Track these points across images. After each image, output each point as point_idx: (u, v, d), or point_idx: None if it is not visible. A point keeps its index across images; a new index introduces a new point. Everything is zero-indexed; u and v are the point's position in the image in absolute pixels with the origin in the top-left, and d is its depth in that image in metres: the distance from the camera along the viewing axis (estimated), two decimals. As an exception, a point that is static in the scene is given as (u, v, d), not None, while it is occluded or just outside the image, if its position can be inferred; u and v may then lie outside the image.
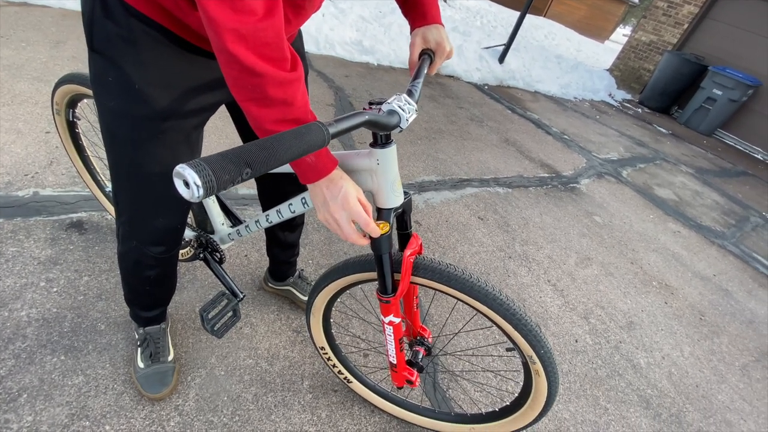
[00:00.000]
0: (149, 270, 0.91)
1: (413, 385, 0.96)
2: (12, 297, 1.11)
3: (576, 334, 1.67)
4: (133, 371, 1.02)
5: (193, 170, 0.34)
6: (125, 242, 0.87)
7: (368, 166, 0.70)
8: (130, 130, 0.69)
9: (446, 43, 0.81)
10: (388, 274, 0.77)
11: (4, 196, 1.37)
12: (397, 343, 0.88)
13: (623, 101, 6.68)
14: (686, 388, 1.61)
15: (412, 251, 0.79)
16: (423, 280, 0.79)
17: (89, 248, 1.32)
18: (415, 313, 0.95)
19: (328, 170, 0.63)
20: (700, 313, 2.08)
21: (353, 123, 0.52)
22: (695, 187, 3.92)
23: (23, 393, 0.93)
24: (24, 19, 2.53)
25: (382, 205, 0.72)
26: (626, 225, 2.71)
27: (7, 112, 1.74)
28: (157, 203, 0.80)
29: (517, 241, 2.13)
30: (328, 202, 0.64)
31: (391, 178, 0.70)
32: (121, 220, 0.84)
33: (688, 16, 6.49)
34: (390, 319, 0.84)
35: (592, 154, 3.80)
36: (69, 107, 1.15)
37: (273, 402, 1.09)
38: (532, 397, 0.86)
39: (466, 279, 0.76)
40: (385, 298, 0.80)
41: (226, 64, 0.51)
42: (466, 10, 9.40)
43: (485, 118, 3.71)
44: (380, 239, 0.72)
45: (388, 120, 0.60)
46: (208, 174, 0.35)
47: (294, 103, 0.56)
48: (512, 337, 0.79)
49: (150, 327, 1.05)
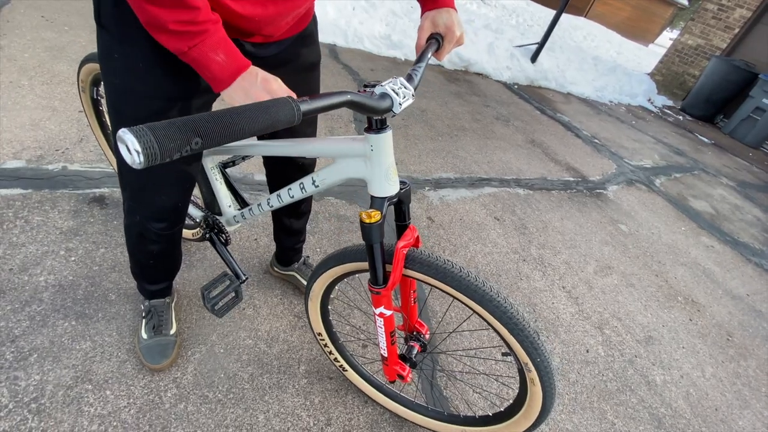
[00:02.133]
0: (152, 244, 0.94)
1: (405, 380, 0.94)
2: (33, 263, 1.17)
3: (587, 344, 1.60)
4: (137, 341, 1.06)
5: (133, 136, 0.32)
6: (129, 216, 0.90)
7: (362, 151, 0.68)
8: (134, 108, 0.71)
9: (456, 28, 0.77)
10: (379, 264, 0.75)
11: (35, 168, 1.45)
12: (387, 336, 0.87)
13: (663, 107, 6.35)
14: (704, 410, 1.51)
15: (405, 243, 0.76)
16: (416, 273, 0.76)
17: (108, 222, 1.37)
18: (412, 307, 0.93)
19: (244, 66, 0.60)
20: (728, 334, 1.95)
21: (331, 102, 0.49)
22: (735, 200, 3.68)
23: (34, 353, 0.98)
24: (68, 4, 2.67)
25: (375, 193, 0.70)
26: (654, 236, 2.58)
27: (46, 91, 1.83)
28: (158, 181, 0.82)
29: (533, 244, 2.07)
30: (249, 90, 0.60)
31: (386, 166, 0.68)
32: (125, 195, 0.86)
33: (739, 20, 6.09)
34: (381, 311, 0.82)
35: (623, 160, 3.63)
36: (93, 85, 1.20)
37: (268, 383, 1.10)
38: (527, 406, 0.83)
39: (462, 277, 0.72)
40: (376, 289, 0.79)
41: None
42: (502, 8, 9.20)
43: (512, 118, 3.62)
44: (371, 228, 0.70)
45: (376, 103, 0.57)
46: (150, 140, 0.33)
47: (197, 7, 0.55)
48: (508, 342, 0.76)
49: (155, 300, 1.08)
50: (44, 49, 2.11)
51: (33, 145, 1.54)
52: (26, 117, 1.65)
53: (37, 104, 1.74)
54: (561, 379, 1.42)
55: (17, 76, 1.86)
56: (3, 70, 1.86)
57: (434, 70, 4.08)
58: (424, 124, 2.89)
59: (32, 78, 1.88)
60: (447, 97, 3.50)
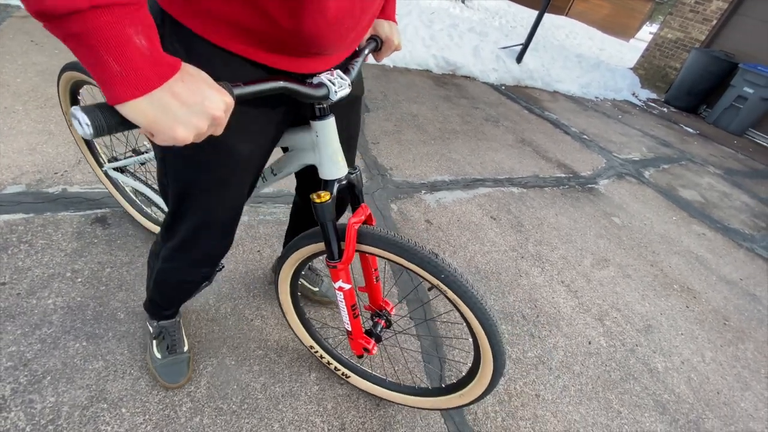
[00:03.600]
0: (188, 284, 0.94)
1: (370, 353, 0.98)
2: (40, 286, 1.18)
3: (589, 336, 1.63)
4: (150, 361, 1.06)
5: (84, 114, 0.39)
6: (170, 261, 0.86)
7: (309, 140, 0.74)
8: (206, 178, 0.68)
9: (395, 38, 0.85)
10: (334, 240, 0.81)
11: (35, 192, 1.46)
12: (349, 309, 0.92)
13: (648, 100, 6.48)
14: (706, 394, 1.55)
15: (357, 219, 0.82)
16: (368, 247, 0.82)
17: (111, 242, 1.38)
18: (375, 285, 0.98)
19: (176, 63, 0.43)
20: (725, 318, 2.00)
21: (265, 87, 0.52)
22: (723, 188, 3.76)
23: (47, 375, 0.99)
24: (58, 28, 2.68)
25: (324, 176, 0.76)
26: (647, 227, 2.64)
27: (40, 115, 1.84)
28: (220, 231, 0.80)
29: (530, 241, 2.10)
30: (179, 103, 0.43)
31: (331, 150, 0.73)
32: (169, 246, 0.83)
33: (716, 12, 6.26)
34: (339, 285, 0.87)
35: (612, 155, 3.70)
36: (73, 100, 1.23)
37: (281, 392, 1.12)
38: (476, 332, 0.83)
39: (399, 242, 0.79)
40: (332, 263, 0.83)
41: None
42: (484, 10, 9.34)
43: (501, 118, 3.68)
44: (323, 207, 0.75)
45: (311, 90, 0.60)
46: (98, 117, 0.40)
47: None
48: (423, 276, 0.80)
49: (165, 321, 1.08)
50: (36, 74, 2.13)
51: (32, 169, 1.55)
52: (23, 142, 1.66)
53: (33, 129, 1.75)
54: (566, 372, 1.45)
55: (11, 101, 1.87)
56: (-4, 96, 1.87)
57: (423, 75, 4.14)
58: (416, 128, 2.93)
59: (26, 103, 1.89)
60: (437, 101, 3.55)
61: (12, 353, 1.01)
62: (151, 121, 0.42)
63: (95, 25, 0.36)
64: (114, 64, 0.38)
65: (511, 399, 1.30)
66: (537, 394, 1.34)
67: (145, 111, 0.41)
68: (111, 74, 0.39)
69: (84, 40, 0.37)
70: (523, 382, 1.36)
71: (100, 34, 0.37)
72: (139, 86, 0.40)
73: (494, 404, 1.27)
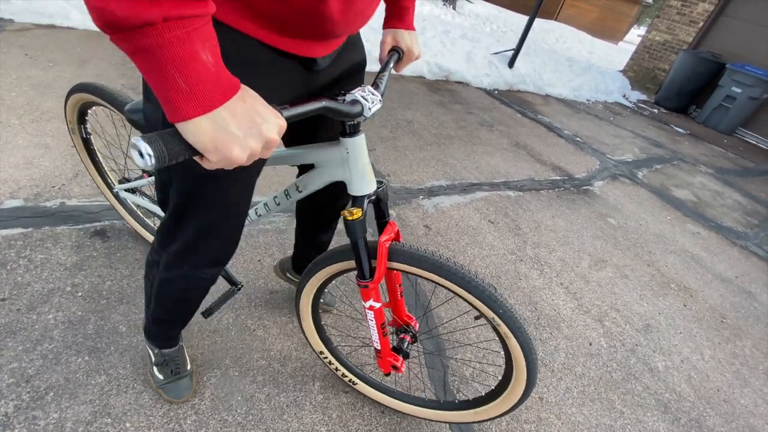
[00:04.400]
0: (194, 291, 0.88)
1: (399, 371, 0.98)
2: (40, 301, 1.17)
3: (590, 337, 1.65)
4: (152, 381, 1.05)
5: (146, 143, 0.37)
6: (172, 269, 0.81)
7: (339, 156, 0.74)
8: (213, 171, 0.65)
9: (416, 48, 0.86)
10: (365, 258, 0.80)
11: (33, 206, 1.45)
12: (379, 328, 0.90)
13: (638, 102, 6.58)
14: (707, 392, 1.56)
15: (387, 237, 0.81)
16: (399, 264, 0.82)
17: (111, 255, 1.38)
18: (399, 301, 0.97)
19: (237, 83, 0.44)
20: (722, 316, 2.02)
21: (310, 108, 0.53)
22: (715, 187, 3.82)
23: (50, 391, 0.98)
24: (51, 41, 2.68)
25: (355, 192, 0.76)
26: (642, 227, 2.66)
27: (36, 128, 1.84)
28: (224, 227, 0.76)
29: (528, 244, 2.12)
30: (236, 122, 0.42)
31: (361, 167, 0.73)
32: (171, 250, 0.79)
33: (702, 14, 6.38)
34: (370, 304, 0.86)
35: (605, 156, 3.75)
36: (80, 122, 1.23)
37: (285, 402, 1.12)
38: (515, 365, 0.85)
39: (432, 259, 0.79)
40: (364, 283, 0.82)
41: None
42: (475, 16, 9.45)
43: (495, 123, 3.71)
44: (354, 224, 0.76)
45: (348, 108, 0.62)
46: (161, 147, 0.38)
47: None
48: (474, 305, 0.81)
49: (167, 350, 1.05)
50: (31, 87, 2.12)
51: (29, 183, 1.54)
52: (20, 156, 1.65)
53: (29, 142, 1.74)
54: (568, 373, 1.46)
55: (6, 115, 1.86)
56: (-9, 110, 1.86)
57: (416, 81, 4.17)
58: (412, 134, 2.95)
59: (21, 117, 1.88)
60: (431, 107, 3.58)
61: (14, 369, 1.00)
62: (209, 140, 0.41)
63: (166, 39, 0.36)
64: (181, 81, 0.38)
65: (515, 402, 1.30)
66: (540, 397, 1.34)
67: (205, 129, 0.40)
68: (177, 91, 0.38)
69: (152, 55, 0.36)
70: (526, 385, 1.37)
71: (171, 50, 0.36)
72: (204, 104, 0.40)
73: (498, 408, 1.27)
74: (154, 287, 0.88)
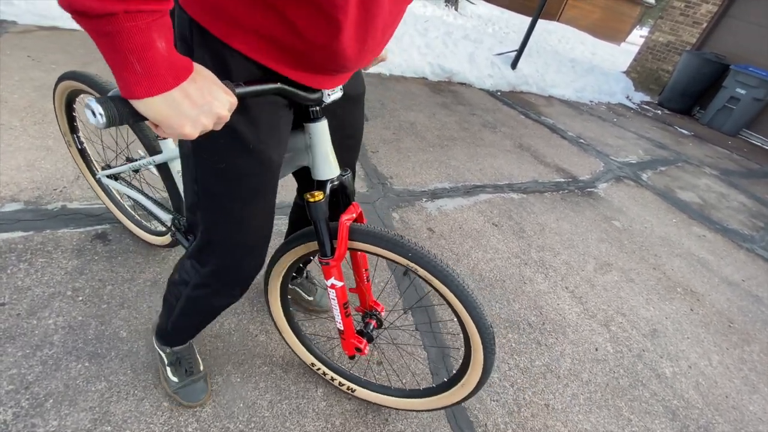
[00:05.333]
0: (221, 305, 0.89)
1: (362, 353, 0.97)
2: (41, 306, 1.16)
3: (596, 342, 1.62)
4: (167, 385, 1.04)
5: (99, 104, 0.41)
6: (203, 288, 0.83)
7: (303, 142, 0.76)
8: (241, 188, 0.68)
9: (384, 52, 0.88)
10: (326, 237, 0.82)
11: (34, 209, 1.44)
12: (341, 307, 0.91)
13: (642, 103, 6.55)
14: (715, 398, 1.54)
15: (349, 217, 0.83)
16: (360, 244, 0.83)
17: (112, 258, 1.37)
18: (366, 285, 0.98)
19: (190, 65, 0.47)
20: (729, 321, 2.00)
21: (264, 88, 0.56)
22: (720, 189, 3.79)
23: (49, 398, 0.97)
24: (54, 43, 2.68)
25: (317, 176, 0.78)
26: (647, 229, 2.64)
27: (38, 130, 1.83)
28: (259, 248, 0.79)
29: (532, 247, 2.10)
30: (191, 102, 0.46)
31: (324, 152, 0.76)
32: (204, 271, 0.80)
33: (706, 15, 6.35)
34: (332, 282, 0.87)
35: (609, 158, 3.72)
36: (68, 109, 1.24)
37: (288, 409, 1.10)
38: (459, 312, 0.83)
39: (390, 238, 0.80)
40: (325, 260, 0.84)
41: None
42: (477, 18, 9.44)
43: (498, 124, 3.70)
44: (317, 206, 0.78)
45: (306, 93, 0.64)
46: (112, 108, 0.42)
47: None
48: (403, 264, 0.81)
49: (179, 347, 1.05)
50: (33, 89, 2.12)
51: (30, 186, 1.53)
52: (21, 158, 1.64)
53: (31, 144, 1.73)
54: (574, 379, 1.44)
55: (8, 117, 1.86)
56: (-7, 112, 1.86)
57: (419, 82, 4.16)
58: (415, 136, 2.93)
59: (24, 119, 1.88)
60: (434, 109, 3.57)
61: (13, 376, 0.99)
62: (163, 117, 0.45)
63: (125, 27, 0.39)
64: (137, 65, 0.41)
65: (521, 409, 1.28)
66: (546, 404, 1.32)
67: (159, 108, 0.44)
68: (133, 73, 0.42)
69: (113, 40, 0.40)
70: (532, 391, 1.35)
71: (129, 37, 0.40)
72: (157, 86, 0.43)
73: (504, 415, 1.25)
74: (180, 302, 0.88)
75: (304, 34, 0.54)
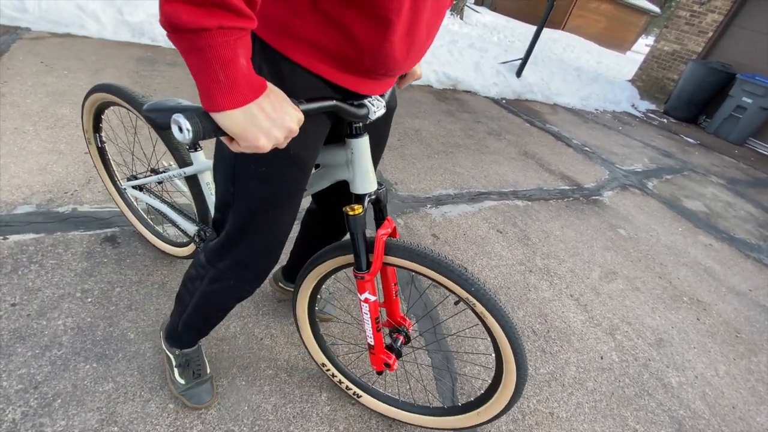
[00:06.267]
0: (233, 302, 0.91)
1: (391, 368, 0.98)
2: (50, 306, 1.18)
3: (601, 351, 1.61)
4: (173, 387, 1.05)
5: (186, 119, 0.44)
6: (217, 283, 0.85)
7: (344, 157, 0.78)
8: (278, 192, 0.71)
9: (418, 69, 0.90)
10: (362, 250, 0.83)
11: (45, 212, 1.47)
12: (373, 322, 0.91)
13: (647, 112, 6.54)
14: (722, 409, 1.52)
15: (385, 232, 0.84)
16: (395, 259, 0.84)
17: (121, 261, 1.38)
18: (394, 301, 0.99)
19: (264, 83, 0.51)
20: (736, 331, 1.98)
21: (323, 105, 0.59)
22: (727, 198, 3.76)
23: (57, 398, 0.98)
24: (67, 49, 2.74)
25: (357, 191, 0.80)
26: (653, 238, 2.63)
27: (50, 135, 1.87)
28: (279, 247, 0.81)
29: (537, 254, 2.10)
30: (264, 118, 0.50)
31: (365, 167, 0.77)
32: (221, 266, 0.82)
33: (712, 24, 6.36)
34: (366, 296, 0.88)
35: (615, 166, 3.72)
36: (96, 122, 1.26)
37: (292, 413, 1.10)
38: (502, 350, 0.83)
39: (427, 254, 0.81)
40: (360, 274, 0.85)
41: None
42: (482, 26, 9.51)
43: (503, 132, 3.71)
44: (355, 219, 0.79)
45: (356, 110, 0.67)
46: (197, 123, 0.44)
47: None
48: (453, 290, 0.82)
49: (188, 349, 1.06)
50: (46, 94, 2.16)
51: (42, 189, 1.56)
52: (33, 162, 1.68)
53: (43, 148, 1.77)
54: (579, 388, 1.43)
55: (21, 122, 1.89)
56: (7, 116, 1.90)
57: (424, 90, 4.19)
58: (420, 143, 2.95)
59: (36, 123, 1.92)
60: (439, 116, 3.59)
61: (22, 375, 1.00)
62: (241, 129, 0.49)
63: (217, 42, 0.43)
64: (223, 78, 0.45)
65: (525, 418, 1.28)
66: (551, 412, 1.32)
67: (238, 121, 0.48)
68: (218, 86, 0.46)
69: (204, 55, 0.44)
70: (536, 399, 1.34)
71: (219, 51, 0.44)
72: (238, 99, 0.47)
73: (508, 423, 1.24)
74: (195, 298, 0.90)
75: (358, 39, 0.57)
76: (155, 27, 3.31)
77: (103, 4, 3.21)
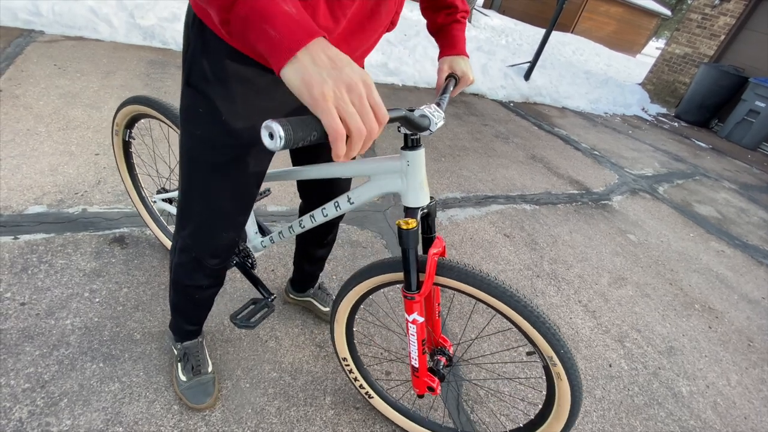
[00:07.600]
0: (203, 279, 0.94)
1: (434, 392, 0.95)
2: (59, 306, 1.19)
3: (610, 359, 1.59)
4: (176, 384, 1.06)
5: (279, 125, 0.43)
6: (183, 254, 0.90)
7: (399, 167, 0.75)
8: (211, 155, 0.75)
9: (470, 74, 0.92)
10: (414, 269, 0.79)
11: (56, 212, 1.49)
12: (419, 344, 0.88)
13: (658, 115, 6.46)
14: (734, 419, 1.48)
15: (437, 251, 0.81)
16: (446, 279, 0.80)
17: (129, 262, 1.40)
18: (436, 321, 0.95)
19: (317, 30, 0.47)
20: (749, 339, 1.93)
21: (394, 116, 0.59)
22: (740, 203, 3.70)
23: (64, 397, 0.99)
24: (79, 52, 2.78)
25: (410, 204, 0.77)
26: (664, 244, 2.59)
27: (62, 136, 1.89)
28: (224, 220, 0.84)
29: (545, 259, 2.07)
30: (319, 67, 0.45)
31: (419, 179, 0.75)
32: (183, 234, 0.87)
33: (724, 27, 6.27)
34: (414, 317, 0.84)
35: (624, 170, 3.67)
36: (127, 127, 1.27)
37: (296, 416, 1.10)
38: (557, 406, 0.83)
39: (485, 278, 0.77)
40: (410, 295, 0.81)
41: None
42: (491, 29, 9.49)
43: (511, 135, 3.69)
44: (408, 234, 0.76)
45: (420, 120, 0.67)
46: (289, 130, 0.44)
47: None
48: (531, 337, 0.78)
49: (188, 342, 1.08)
50: (58, 96, 2.20)
51: (53, 189, 1.58)
52: (45, 163, 1.70)
53: (55, 150, 1.80)
54: (587, 396, 1.41)
55: (34, 123, 1.93)
56: (20, 118, 1.93)
57: (431, 93, 4.19)
58: (426, 146, 2.95)
59: (49, 125, 1.95)
60: (446, 119, 3.58)
61: (30, 374, 1.01)
62: (308, 76, 0.45)
63: (258, 4, 0.45)
64: (272, 32, 0.45)
65: (531, 425, 1.26)
66: (558, 420, 1.29)
67: (304, 65, 0.45)
68: (272, 42, 0.45)
69: (248, 19, 0.45)
70: (542, 406, 1.32)
71: (261, 11, 0.45)
72: (293, 44, 0.45)
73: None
74: (172, 273, 0.96)
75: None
76: (166, 30, 3.36)
77: (115, 8, 3.27)
